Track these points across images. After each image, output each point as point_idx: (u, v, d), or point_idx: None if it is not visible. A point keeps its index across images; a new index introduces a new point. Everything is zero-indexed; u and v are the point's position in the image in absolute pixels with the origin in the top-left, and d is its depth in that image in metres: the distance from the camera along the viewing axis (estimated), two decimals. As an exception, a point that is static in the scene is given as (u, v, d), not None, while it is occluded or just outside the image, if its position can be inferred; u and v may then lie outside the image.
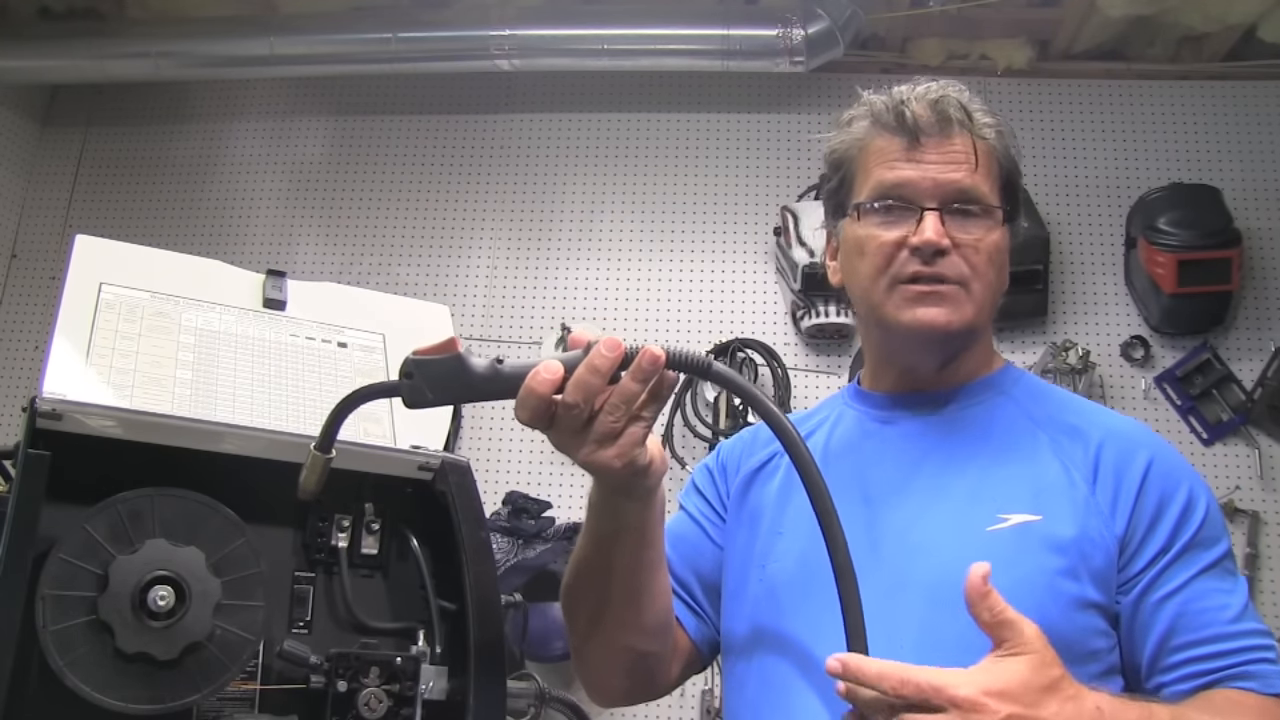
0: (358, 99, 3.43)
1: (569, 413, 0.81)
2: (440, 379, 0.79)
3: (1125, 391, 2.88)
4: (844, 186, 1.11)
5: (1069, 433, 1.02)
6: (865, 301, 1.08)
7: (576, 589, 1.07)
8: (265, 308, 1.49)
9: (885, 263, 1.04)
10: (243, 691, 1.24)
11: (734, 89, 3.26)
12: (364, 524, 1.37)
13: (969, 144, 1.05)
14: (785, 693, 0.99)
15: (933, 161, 1.04)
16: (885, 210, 1.05)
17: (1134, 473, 0.98)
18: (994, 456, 1.03)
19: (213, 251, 1.98)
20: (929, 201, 1.03)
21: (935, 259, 1.02)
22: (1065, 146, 3.11)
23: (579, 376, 0.80)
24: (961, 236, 1.02)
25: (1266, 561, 2.71)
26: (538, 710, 2.50)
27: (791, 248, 2.90)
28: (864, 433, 1.12)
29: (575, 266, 3.20)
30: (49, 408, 1.15)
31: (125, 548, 1.15)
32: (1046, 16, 2.99)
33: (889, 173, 1.05)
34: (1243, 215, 2.88)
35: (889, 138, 1.06)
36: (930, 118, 1.04)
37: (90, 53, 3.20)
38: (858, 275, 1.08)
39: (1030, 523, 0.96)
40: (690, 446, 2.90)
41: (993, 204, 1.05)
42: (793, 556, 1.04)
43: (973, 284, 1.03)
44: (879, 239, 1.05)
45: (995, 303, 1.08)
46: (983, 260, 1.03)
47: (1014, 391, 1.09)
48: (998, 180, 1.07)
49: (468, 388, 0.80)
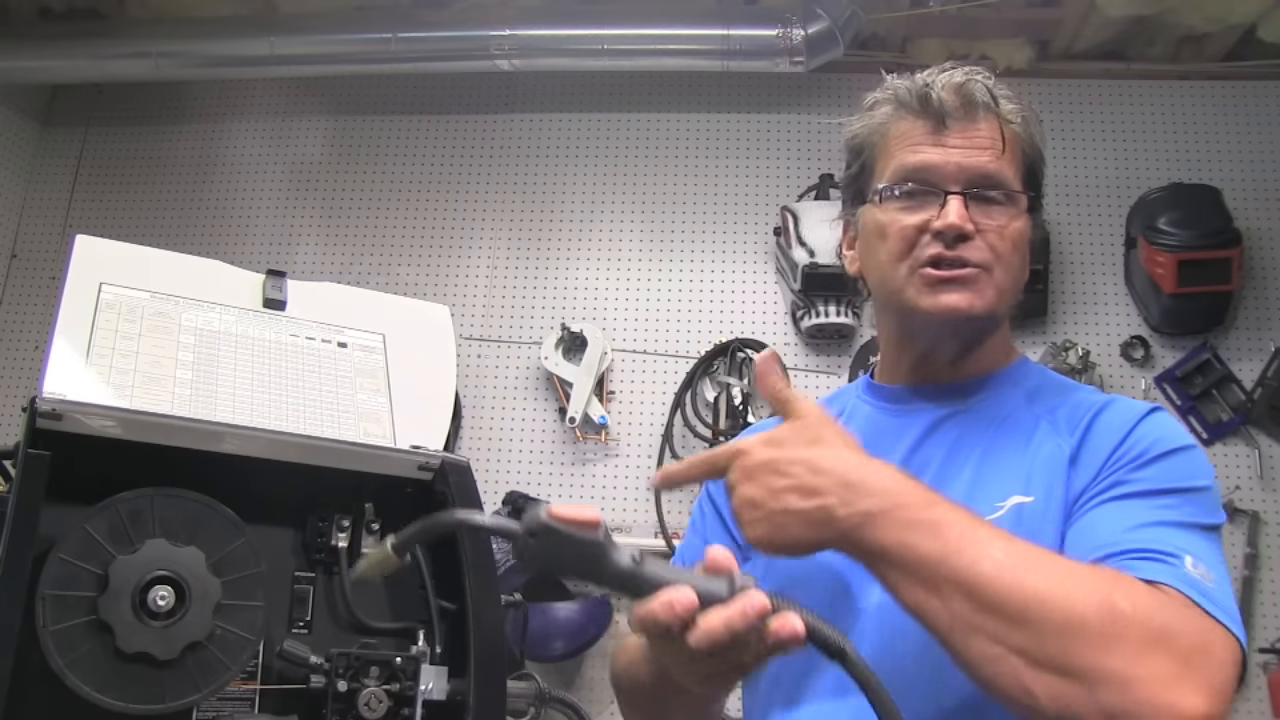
0: (358, 99, 3.43)
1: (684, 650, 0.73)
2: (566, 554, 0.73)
3: (1125, 391, 2.87)
4: (864, 172, 1.09)
5: (1068, 415, 1.01)
6: (885, 287, 1.06)
7: (629, 701, 1.12)
8: (265, 308, 1.49)
9: (907, 247, 1.02)
10: (243, 691, 1.24)
11: (734, 89, 3.26)
12: (364, 524, 1.37)
13: (995, 129, 1.03)
14: (795, 688, 0.99)
15: (957, 146, 1.02)
16: (908, 195, 1.03)
17: (1114, 430, 0.96)
18: (996, 448, 1.02)
19: (213, 251, 1.98)
20: (953, 185, 1.01)
21: (958, 244, 1.00)
22: (1065, 146, 3.11)
23: (712, 628, 0.71)
24: (985, 222, 1.01)
25: (1266, 561, 2.71)
26: (538, 710, 2.50)
27: (791, 248, 2.90)
28: (877, 427, 1.10)
29: (575, 266, 3.20)
30: (49, 408, 1.15)
31: (125, 548, 1.15)
32: (1046, 16, 2.99)
33: (912, 156, 1.03)
34: (1243, 215, 2.88)
35: (912, 121, 1.04)
36: (956, 101, 1.03)
37: (90, 53, 3.19)
38: (877, 260, 1.06)
39: (1023, 504, 0.95)
40: (690, 446, 2.90)
41: (1017, 190, 1.03)
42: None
43: (995, 269, 1.01)
44: (901, 223, 1.03)
45: (1017, 292, 1.06)
46: (1007, 246, 1.02)
47: (1026, 384, 1.08)
48: (1022, 168, 1.05)
49: (596, 574, 0.73)
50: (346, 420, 1.44)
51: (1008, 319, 1.10)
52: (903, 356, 1.11)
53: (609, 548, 0.74)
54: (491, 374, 3.11)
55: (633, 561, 0.74)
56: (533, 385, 3.09)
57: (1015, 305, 1.08)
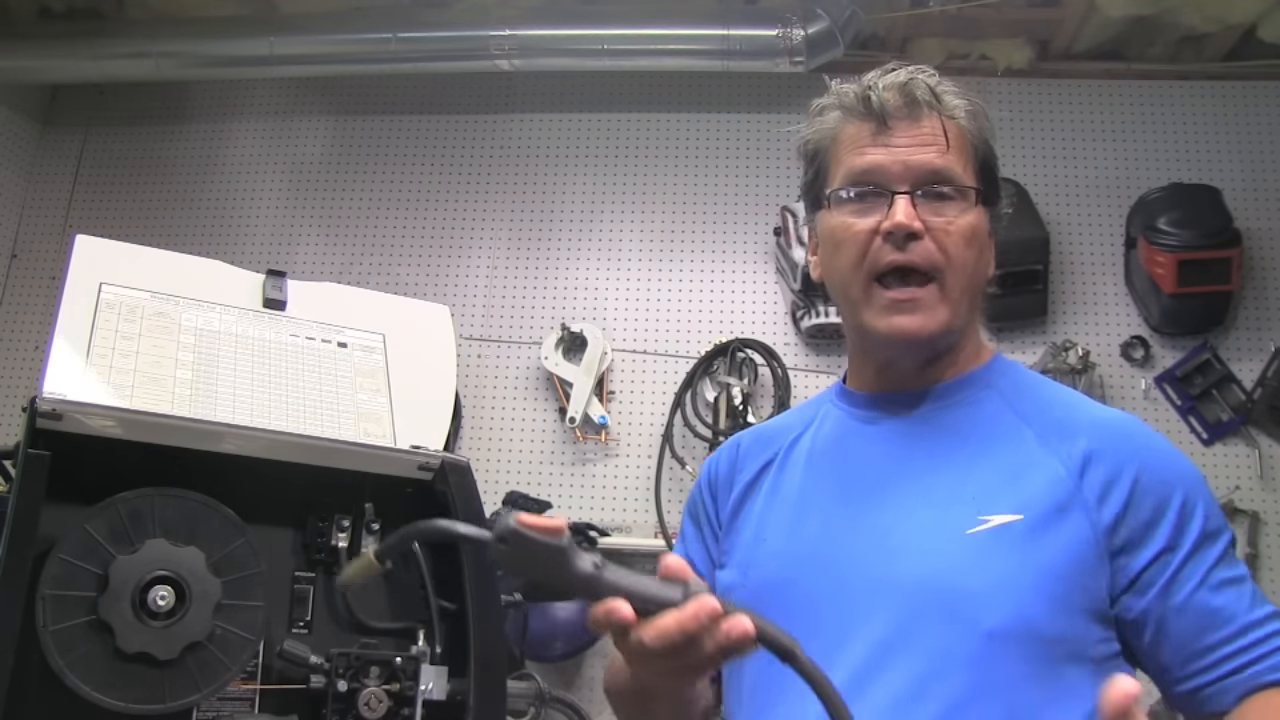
0: (358, 99, 3.43)
1: (640, 649, 0.78)
2: (534, 559, 0.77)
3: (1125, 391, 2.88)
4: (819, 178, 1.09)
5: (1056, 426, 1.00)
6: (844, 298, 1.06)
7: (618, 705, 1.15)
8: (265, 308, 1.49)
9: (861, 252, 1.02)
10: (243, 691, 1.24)
11: (734, 89, 3.26)
12: (364, 524, 1.37)
13: (938, 125, 1.03)
14: (777, 691, 0.99)
15: (902, 145, 1.02)
16: (858, 198, 1.03)
17: (1128, 466, 0.96)
18: (976, 455, 1.01)
19: (213, 251, 1.97)
20: (899, 185, 1.01)
21: (908, 243, 1.00)
22: (1065, 146, 3.11)
23: (665, 628, 0.76)
24: (933, 219, 1.00)
25: (1266, 561, 2.71)
26: (538, 710, 2.50)
27: (791, 248, 2.90)
28: (847, 432, 1.10)
29: (575, 266, 3.20)
30: (49, 408, 1.15)
31: (125, 548, 1.15)
32: (1046, 16, 2.99)
33: (859, 158, 1.03)
34: (1243, 215, 2.88)
35: (858, 124, 1.05)
36: (898, 100, 1.03)
37: (90, 53, 3.19)
38: (835, 267, 1.06)
39: (1011, 523, 0.94)
40: (690, 446, 2.90)
41: (966, 184, 1.03)
42: (774, 560, 1.04)
43: (947, 276, 1.01)
44: (853, 228, 1.03)
45: (976, 293, 1.06)
46: (956, 243, 1.01)
47: (1001, 385, 1.07)
48: (972, 161, 1.05)
49: (559, 579, 0.78)
50: (346, 420, 1.44)
51: (977, 318, 1.09)
52: (866, 364, 1.11)
53: (572, 554, 0.77)
54: (491, 374, 3.11)
55: (594, 568, 0.78)
56: (533, 385, 3.09)
57: (983, 301, 1.08)
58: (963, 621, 0.92)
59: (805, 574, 1.01)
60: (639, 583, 0.79)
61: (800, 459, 1.12)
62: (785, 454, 1.14)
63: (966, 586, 0.93)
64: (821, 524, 1.04)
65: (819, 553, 1.02)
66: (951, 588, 0.94)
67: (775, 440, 1.17)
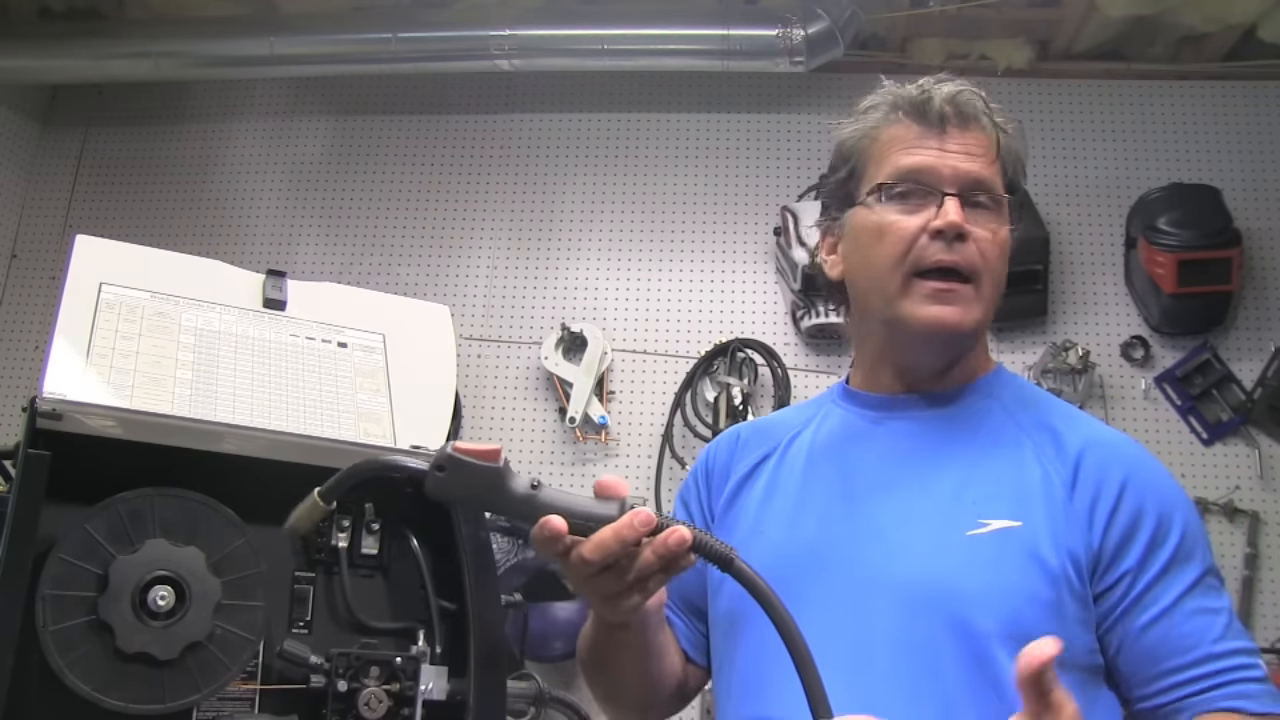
0: (358, 99, 3.43)
1: (581, 565, 0.81)
2: (472, 484, 0.79)
3: (1125, 392, 2.88)
4: (854, 176, 1.10)
5: (1052, 438, 1.02)
6: (879, 293, 1.06)
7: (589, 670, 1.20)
8: (265, 308, 1.49)
9: (904, 249, 1.03)
10: (243, 691, 1.24)
11: (734, 89, 3.26)
12: (364, 524, 1.37)
13: (984, 139, 1.06)
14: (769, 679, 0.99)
15: (953, 150, 1.04)
16: (903, 195, 1.05)
17: (1111, 483, 0.97)
18: (979, 459, 1.02)
19: (213, 251, 1.97)
20: (949, 188, 1.03)
21: (956, 244, 1.01)
22: (1065, 146, 3.11)
23: (603, 538, 0.80)
24: (976, 229, 1.03)
25: (1266, 561, 2.71)
26: (538, 710, 2.50)
27: (791, 248, 2.90)
28: (852, 432, 1.11)
29: (575, 266, 3.20)
30: (49, 408, 1.15)
31: (125, 548, 1.15)
32: (1046, 16, 2.99)
33: (908, 157, 1.05)
34: (1243, 215, 2.88)
35: (907, 125, 1.06)
36: (951, 109, 1.05)
37: (90, 53, 3.19)
38: (871, 264, 1.06)
39: (1010, 529, 0.95)
40: (690, 446, 2.90)
41: (1005, 197, 1.06)
42: (771, 553, 1.05)
43: (984, 279, 1.03)
44: (899, 224, 1.04)
45: (998, 304, 1.08)
46: (993, 252, 1.04)
47: (1003, 396, 1.09)
48: (1004, 177, 1.08)
49: (497, 503, 0.80)
50: (346, 420, 1.44)
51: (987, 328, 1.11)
52: (884, 364, 1.11)
53: (508, 476, 0.80)
54: (491, 374, 3.11)
55: (530, 488, 0.80)
56: (533, 385, 3.09)
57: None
58: (958, 622, 0.93)
59: (803, 568, 1.01)
60: (576, 501, 0.81)
61: (800, 455, 1.13)
62: (784, 449, 1.15)
63: (964, 587, 0.94)
64: (821, 520, 1.04)
65: (817, 548, 1.02)
66: (949, 587, 0.94)
67: (774, 435, 1.18)
